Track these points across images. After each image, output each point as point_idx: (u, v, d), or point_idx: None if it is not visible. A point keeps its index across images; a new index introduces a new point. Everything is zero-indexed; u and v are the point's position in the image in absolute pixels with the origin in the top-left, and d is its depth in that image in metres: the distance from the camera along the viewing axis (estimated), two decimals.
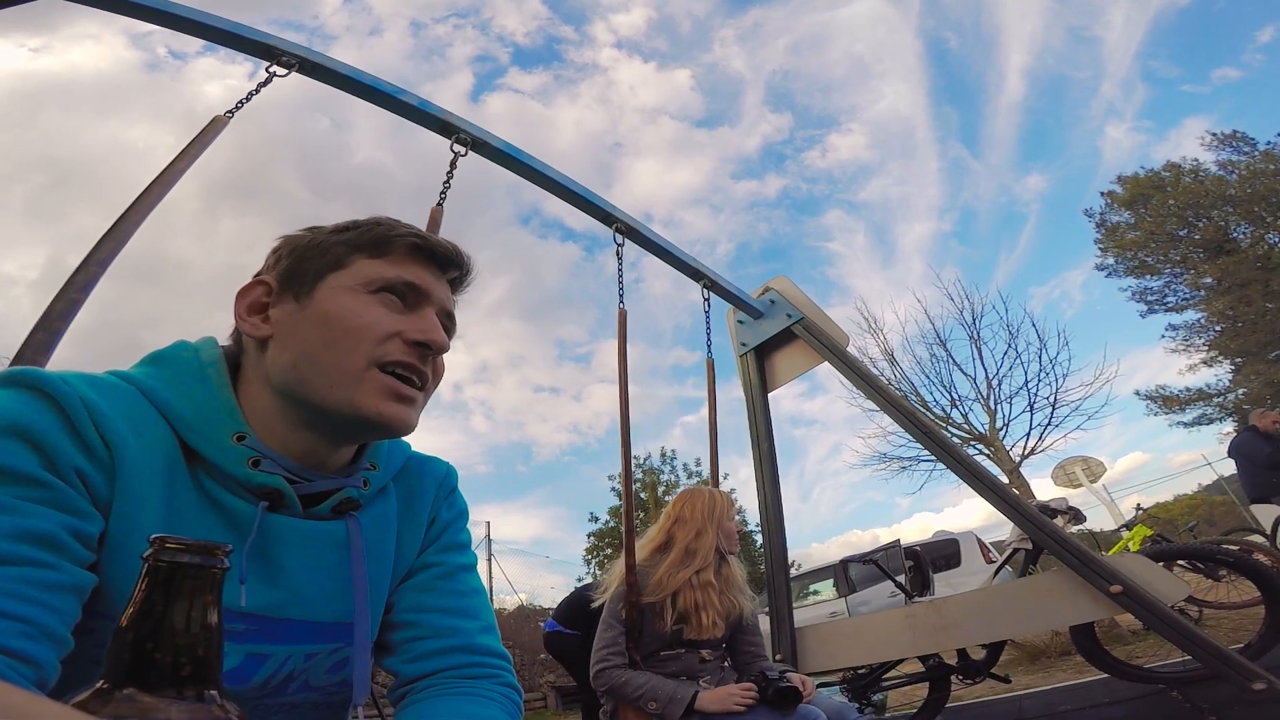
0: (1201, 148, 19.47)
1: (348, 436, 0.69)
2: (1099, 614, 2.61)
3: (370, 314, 0.66)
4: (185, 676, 0.32)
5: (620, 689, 1.80)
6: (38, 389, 0.55)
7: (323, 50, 2.28)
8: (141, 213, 1.74)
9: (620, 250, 2.82)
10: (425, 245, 0.72)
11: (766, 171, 42.27)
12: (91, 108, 43.17)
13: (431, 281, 0.72)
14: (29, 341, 1.47)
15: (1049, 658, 4.80)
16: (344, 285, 0.68)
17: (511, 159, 2.62)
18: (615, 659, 1.87)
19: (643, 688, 1.76)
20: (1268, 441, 5.60)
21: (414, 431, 0.72)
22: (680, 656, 1.90)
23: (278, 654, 0.66)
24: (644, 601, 1.92)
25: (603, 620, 1.94)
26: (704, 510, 2.04)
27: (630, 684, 1.79)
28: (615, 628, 1.92)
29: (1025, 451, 10.68)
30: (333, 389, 0.64)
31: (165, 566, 0.32)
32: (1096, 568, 2.50)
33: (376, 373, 0.65)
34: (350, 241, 0.70)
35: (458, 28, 49.34)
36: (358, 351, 0.64)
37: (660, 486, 18.72)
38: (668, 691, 1.74)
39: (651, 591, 1.92)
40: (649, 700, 1.74)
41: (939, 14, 36.56)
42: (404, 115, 2.46)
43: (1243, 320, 17.61)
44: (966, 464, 2.93)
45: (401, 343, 0.66)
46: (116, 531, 0.56)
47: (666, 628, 1.88)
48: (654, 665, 1.89)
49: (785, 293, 3.52)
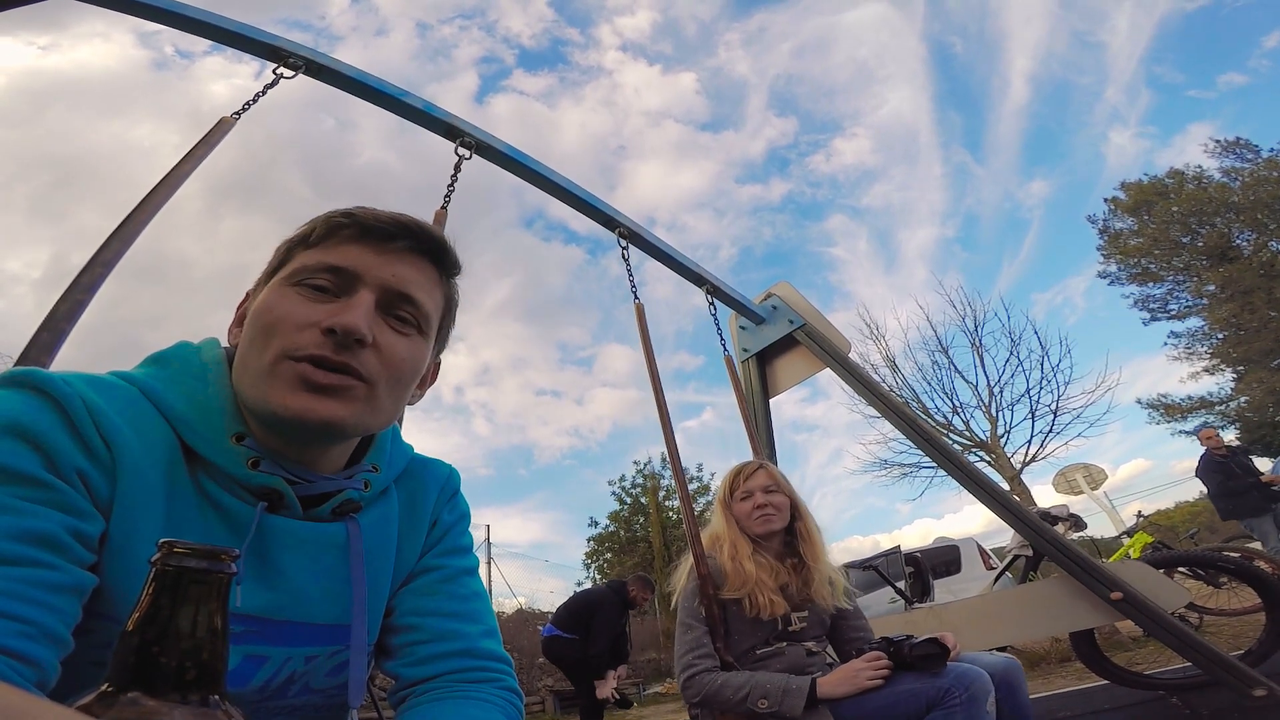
0: (1205, 154, 19.53)
1: (288, 437, 0.64)
2: (1099, 620, 2.61)
3: (285, 306, 0.63)
4: (190, 681, 0.32)
5: (718, 693, 1.56)
6: (39, 389, 0.54)
7: (329, 50, 2.30)
8: (147, 214, 1.75)
9: (625, 253, 2.83)
10: (356, 221, 0.66)
11: (770, 175, 42.50)
12: (98, 106, 43.41)
13: (366, 260, 0.65)
14: (34, 341, 1.48)
15: (1049, 664, 4.79)
16: (278, 280, 0.66)
17: (515, 163, 2.64)
18: (705, 662, 1.62)
19: (746, 686, 1.53)
20: (1219, 468, 5.63)
21: (370, 429, 0.67)
22: (782, 652, 1.69)
23: (277, 656, 0.65)
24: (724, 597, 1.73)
25: (680, 622, 1.73)
26: (717, 499, 1.92)
27: (729, 685, 1.55)
28: (696, 627, 1.68)
29: (1027, 458, 10.72)
30: (253, 386, 0.62)
31: (172, 571, 0.33)
32: (1097, 574, 2.50)
33: (287, 364, 0.60)
34: (294, 237, 0.69)
35: (463, 29, 49.79)
36: (270, 346, 0.61)
37: (661, 491, 18.69)
38: (779, 684, 1.50)
39: (732, 587, 1.72)
40: (758, 698, 1.49)
41: (943, 18, 36.76)
42: (409, 118, 2.47)
43: (1245, 328, 17.59)
44: (967, 470, 2.94)
45: (317, 332, 0.61)
46: (117, 532, 0.55)
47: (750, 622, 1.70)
48: (750, 667, 1.66)
49: (787, 299, 3.53)
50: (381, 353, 0.64)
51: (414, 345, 0.68)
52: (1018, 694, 1.51)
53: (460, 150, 2.45)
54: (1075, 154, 33.02)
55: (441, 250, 0.71)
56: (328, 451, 0.69)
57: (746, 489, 1.86)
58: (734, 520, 1.85)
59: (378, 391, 0.64)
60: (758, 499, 1.83)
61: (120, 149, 45.17)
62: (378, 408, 0.65)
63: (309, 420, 0.60)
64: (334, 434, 0.65)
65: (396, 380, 0.66)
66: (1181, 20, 30.83)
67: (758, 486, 1.85)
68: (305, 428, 0.61)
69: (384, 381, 0.65)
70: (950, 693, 1.35)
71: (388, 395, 0.66)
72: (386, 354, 0.65)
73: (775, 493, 1.85)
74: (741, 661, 1.67)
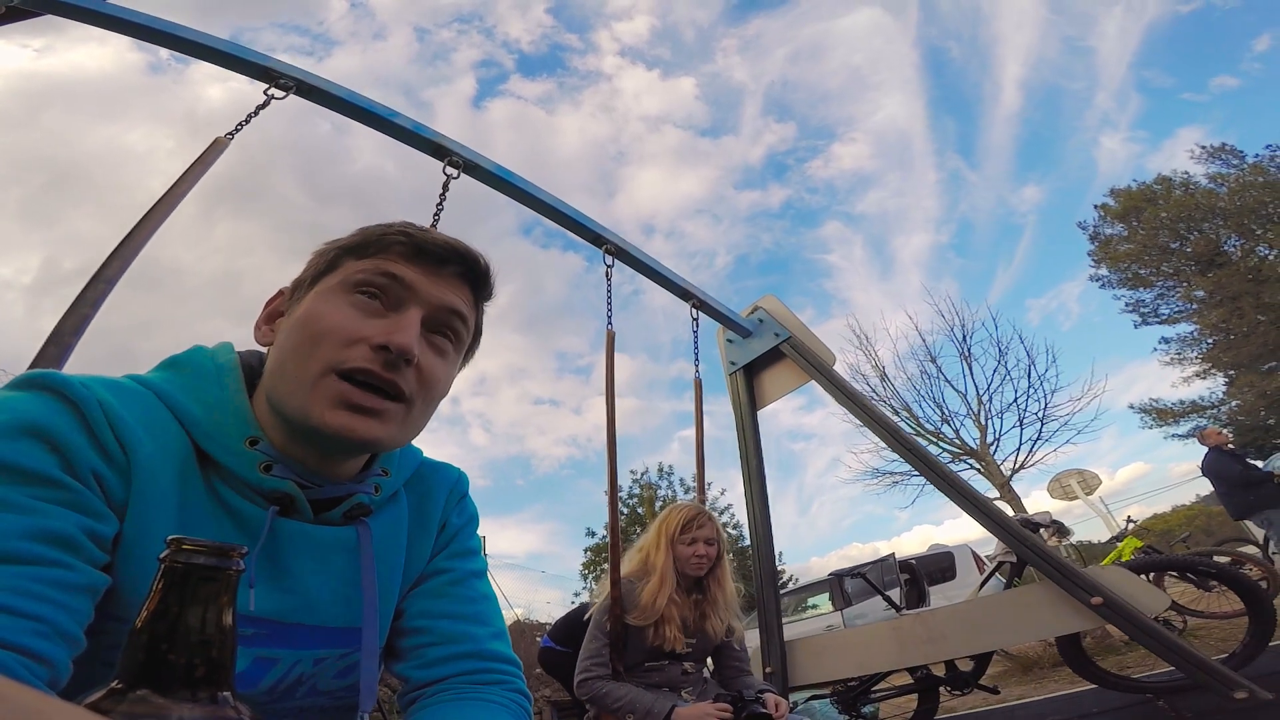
0: (1192, 160, 19.76)
1: (319, 448, 0.65)
2: (1082, 625, 2.65)
3: (337, 316, 0.63)
4: (198, 678, 0.32)
5: (602, 699, 1.85)
6: (57, 391, 0.55)
7: (327, 56, 2.44)
8: (146, 232, 1.84)
9: (609, 271, 2.88)
10: (411, 240, 0.67)
11: (769, 181, 42.53)
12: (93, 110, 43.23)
13: (419, 278, 0.66)
14: (41, 355, 1.57)
15: (1042, 669, 4.81)
16: (327, 287, 0.66)
17: (503, 181, 2.69)
18: (598, 669, 1.92)
19: (622, 699, 1.81)
20: (1236, 460, 5.64)
21: (399, 445, 0.68)
22: (663, 668, 1.96)
23: (286, 658, 0.65)
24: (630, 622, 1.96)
25: (589, 632, 1.99)
26: (660, 528, 2.09)
27: (611, 695, 1.84)
28: (600, 639, 1.97)
29: (1016, 466, 10.80)
30: (292, 396, 0.62)
31: (181, 568, 0.33)
32: (1077, 580, 2.55)
33: (333, 379, 0.61)
34: (344, 244, 0.69)
35: (462, 33, 49.49)
36: (315, 356, 0.61)
37: (657, 501, 18.67)
38: (645, 704, 1.79)
39: (640, 615, 1.94)
40: (627, 712, 1.79)
41: (937, 24, 36.99)
42: (397, 138, 2.52)
43: (1235, 333, 17.73)
44: (949, 479, 2.98)
45: (367, 348, 0.62)
46: (130, 533, 0.56)
47: (649, 643, 1.94)
48: (637, 676, 1.94)
49: (773, 312, 3.59)
50: (421, 373, 0.65)
51: (449, 367, 0.70)
52: None
53: (448, 170, 2.50)
54: (1067, 159, 33.16)
55: (486, 278, 0.73)
56: (348, 460, 0.70)
57: (694, 535, 2.05)
58: (673, 558, 2.03)
59: (413, 411, 0.66)
60: (699, 549, 2.03)
61: (115, 153, 45.16)
62: (411, 426, 0.67)
63: (349, 439, 0.61)
64: (369, 450, 0.67)
65: (430, 400, 0.68)
66: (1170, 25, 31.21)
67: (703, 537, 2.05)
68: (344, 445, 0.63)
69: (420, 401, 0.66)
70: None
71: (420, 414, 0.68)
72: (426, 374, 0.66)
73: (713, 545, 2.06)
74: (632, 671, 1.94)
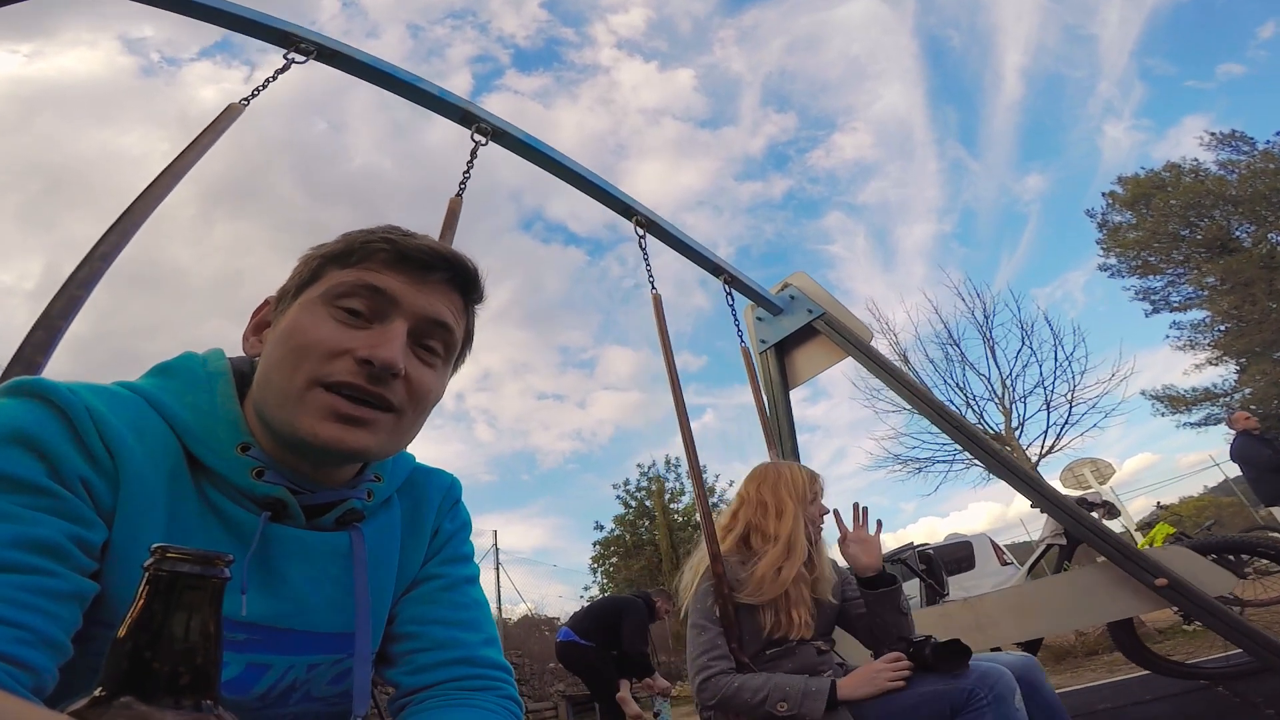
0: (1201, 148, 19.53)
1: (308, 459, 0.64)
2: (1142, 608, 2.54)
3: (321, 329, 0.62)
4: (183, 686, 0.32)
5: (735, 696, 1.51)
6: (44, 398, 0.54)
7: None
8: (149, 205, 1.66)
9: (643, 242, 2.76)
10: (395, 247, 0.65)
11: (770, 172, 42.28)
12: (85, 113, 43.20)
13: (403, 288, 0.65)
14: (29, 340, 1.38)
15: (1076, 657, 4.71)
16: (309, 299, 0.65)
17: (532, 149, 2.58)
18: (720, 664, 1.57)
19: (764, 688, 1.48)
20: (1266, 444, 5.52)
21: (390, 454, 0.69)
22: (794, 652, 1.63)
23: (279, 664, 0.65)
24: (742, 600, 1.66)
25: (692, 624, 1.66)
26: (784, 490, 1.76)
27: (746, 687, 1.50)
28: (710, 629, 1.62)
29: (1043, 450, 10.58)
30: (280, 409, 0.61)
31: (166, 576, 0.32)
32: (1140, 561, 2.43)
33: (319, 392, 0.61)
34: (327, 252, 0.68)
35: (456, 29, 48.79)
36: (300, 370, 0.61)
37: (666, 494, 18.61)
38: (798, 686, 1.46)
39: (754, 591, 1.65)
40: (777, 701, 1.45)
41: (935, 13, 36.67)
42: (423, 104, 2.41)
43: (1247, 320, 17.56)
44: (1000, 458, 2.86)
45: (351, 361, 0.61)
46: (119, 540, 0.55)
47: (766, 627, 1.63)
48: (762, 668, 1.61)
49: (805, 288, 3.47)
50: (410, 383, 0.65)
51: (438, 376, 0.69)
52: (1041, 691, 1.50)
53: (476, 136, 2.40)
54: (1070, 148, 32.84)
55: (474, 283, 0.72)
56: (340, 468, 0.69)
57: (815, 493, 1.79)
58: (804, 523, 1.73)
59: (404, 420, 0.66)
60: (821, 507, 1.78)
61: (109, 156, 45.06)
62: (402, 435, 0.67)
63: (339, 450, 0.61)
64: (359, 461, 0.68)
65: (421, 410, 0.68)
66: (1171, 12, 30.89)
67: (821, 497, 1.81)
68: (334, 456, 0.63)
69: (410, 411, 0.66)
70: (975, 694, 1.33)
71: (411, 423, 0.68)
72: (414, 385, 0.65)
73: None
74: (753, 662, 1.62)
